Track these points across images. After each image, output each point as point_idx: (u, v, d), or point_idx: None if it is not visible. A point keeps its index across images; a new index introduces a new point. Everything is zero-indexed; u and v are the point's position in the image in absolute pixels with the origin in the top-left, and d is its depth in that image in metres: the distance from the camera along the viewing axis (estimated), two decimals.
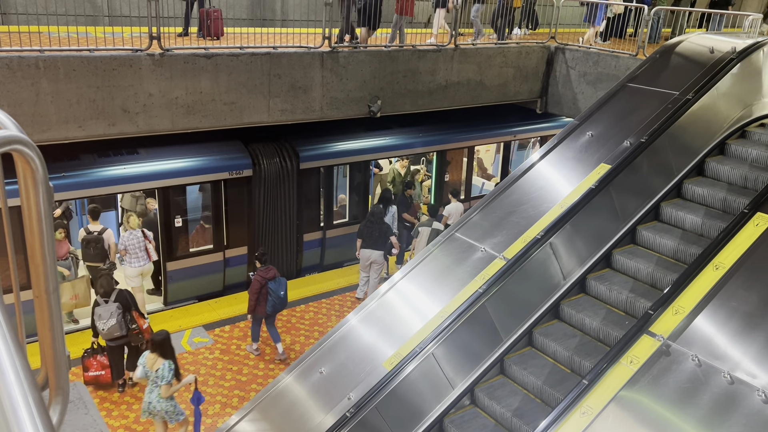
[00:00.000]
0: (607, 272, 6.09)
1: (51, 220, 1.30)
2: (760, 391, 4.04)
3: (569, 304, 5.90)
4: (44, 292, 1.29)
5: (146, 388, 6.82)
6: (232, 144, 10.68)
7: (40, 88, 7.48)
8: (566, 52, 11.69)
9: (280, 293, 8.67)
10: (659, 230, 6.18)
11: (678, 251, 5.91)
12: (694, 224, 6.07)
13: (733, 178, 6.35)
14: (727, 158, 6.61)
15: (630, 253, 6.09)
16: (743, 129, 6.84)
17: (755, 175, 6.19)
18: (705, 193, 6.27)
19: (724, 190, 6.22)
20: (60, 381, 1.36)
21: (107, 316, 7.75)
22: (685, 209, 6.20)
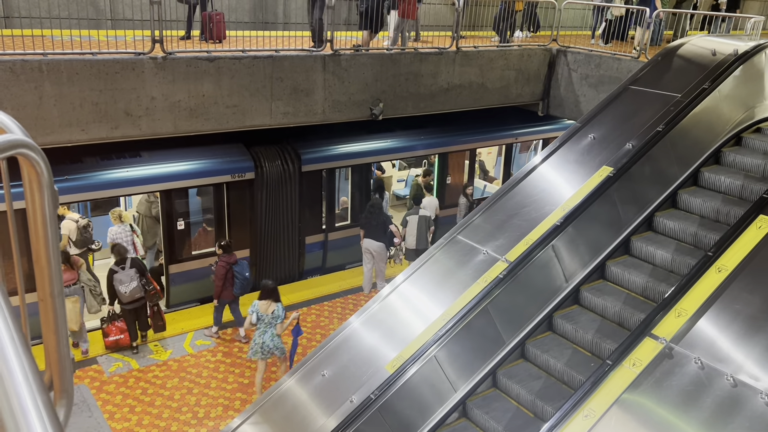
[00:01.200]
0: (626, 259, 6.12)
1: (56, 223, 1.30)
2: (763, 393, 4.04)
3: (590, 289, 5.93)
4: (49, 295, 1.30)
5: (257, 331, 7.91)
6: (234, 147, 10.69)
7: (43, 92, 7.51)
8: (568, 55, 11.70)
9: (245, 274, 9.28)
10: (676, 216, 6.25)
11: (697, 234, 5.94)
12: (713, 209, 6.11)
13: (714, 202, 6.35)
14: (722, 167, 6.61)
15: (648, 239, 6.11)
16: (744, 132, 6.84)
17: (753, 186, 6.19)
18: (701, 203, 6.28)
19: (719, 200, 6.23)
20: (64, 384, 1.36)
21: (128, 281, 8.70)
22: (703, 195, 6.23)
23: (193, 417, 7.83)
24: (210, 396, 8.21)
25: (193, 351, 9.13)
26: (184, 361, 8.87)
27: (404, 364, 5.37)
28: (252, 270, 11.11)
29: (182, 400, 8.11)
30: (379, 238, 10.71)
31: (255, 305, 7.92)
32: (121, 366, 8.67)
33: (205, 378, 8.56)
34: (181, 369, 8.70)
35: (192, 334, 9.50)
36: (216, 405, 8.07)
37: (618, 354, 4.72)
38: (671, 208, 6.43)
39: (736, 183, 6.24)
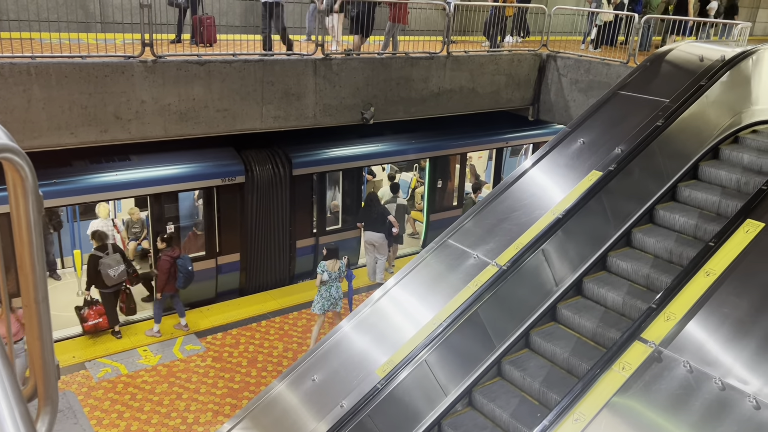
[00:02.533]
0: (628, 250, 6.12)
1: (40, 228, 1.29)
2: (751, 397, 4.06)
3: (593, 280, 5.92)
4: (33, 301, 1.28)
5: (323, 287, 9.01)
6: (224, 150, 10.66)
7: (31, 95, 7.46)
8: (558, 60, 11.76)
9: (188, 267, 9.45)
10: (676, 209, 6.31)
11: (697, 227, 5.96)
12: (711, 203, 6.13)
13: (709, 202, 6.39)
14: (721, 161, 6.66)
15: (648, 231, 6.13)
16: (734, 136, 6.91)
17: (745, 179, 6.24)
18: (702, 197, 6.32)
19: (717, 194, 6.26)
20: (49, 391, 1.35)
21: (116, 264, 9.08)
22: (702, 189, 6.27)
23: (182, 422, 7.78)
24: (199, 401, 8.16)
25: (183, 356, 9.08)
26: (173, 366, 8.82)
27: (395, 368, 5.36)
28: (242, 274, 11.09)
29: (171, 405, 8.06)
30: (378, 229, 11.37)
31: (323, 265, 9.03)
32: (109, 371, 8.60)
33: (194, 383, 8.51)
34: (170, 374, 8.65)
35: (181, 339, 9.45)
36: (206, 410, 8.02)
37: (607, 358, 4.73)
38: (693, 180, 6.48)
39: (753, 159, 6.34)
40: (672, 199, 6.56)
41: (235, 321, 10.06)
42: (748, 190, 6.16)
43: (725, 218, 5.87)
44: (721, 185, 6.46)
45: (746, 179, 6.32)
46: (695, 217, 6.18)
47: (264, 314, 10.34)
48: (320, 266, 9.08)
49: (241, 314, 10.28)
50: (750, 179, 6.29)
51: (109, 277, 9.03)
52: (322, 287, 9.07)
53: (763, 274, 4.83)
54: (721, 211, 6.17)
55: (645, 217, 6.41)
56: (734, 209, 5.88)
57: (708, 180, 6.58)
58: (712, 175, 6.58)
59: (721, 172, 6.49)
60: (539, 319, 5.90)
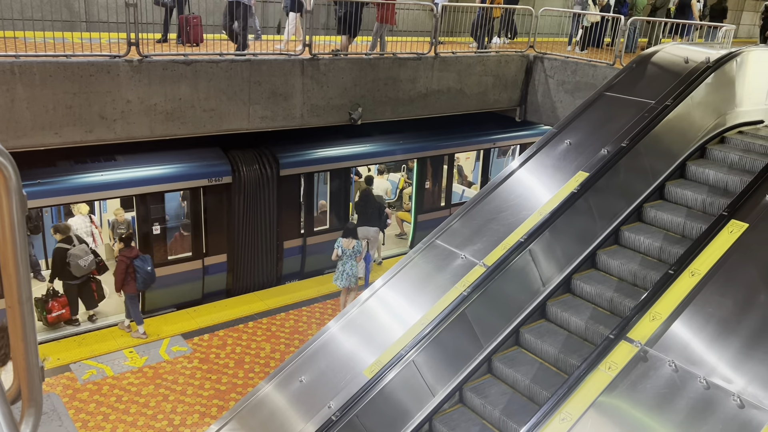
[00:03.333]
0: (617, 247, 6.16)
1: (24, 228, 1.28)
2: (735, 395, 4.10)
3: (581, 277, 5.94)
4: (17, 302, 1.27)
5: (339, 262, 9.81)
6: (211, 151, 10.61)
7: (15, 94, 7.37)
8: (545, 61, 11.82)
9: (146, 268, 9.27)
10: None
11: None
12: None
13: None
14: (707, 160, 6.73)
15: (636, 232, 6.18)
16: (721, 134, 6.98)
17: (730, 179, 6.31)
18: None
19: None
20: (33, 393, 1.33)
21: (84, 255, 9.25)
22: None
23: (168, 424, 7.73)
24: (186, 403, 8.11)
25: (169, 357, 9.02)
26: (159, 368, 8.76)
27: (382, 369, 5.36)
28: (229, 275, 11.04)
29: (158, 407, 8.00)
30: (373, 223, 11.82)
31: (339, 241, 9.82)
32: (95, 373, 8.52)
33: (181, 385, 8.45)
34: (156, 376, 8.59)
35: (168, 340, 9.38)
36: (192, 412, 7.97)
37: (594, 357, 4.76)
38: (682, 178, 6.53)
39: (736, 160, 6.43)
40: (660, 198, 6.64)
41: (222, 322, 10.02)
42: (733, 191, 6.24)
43: (712, 216, 5.94)
44: (707, 183, 6.54)
45: (729, 182, 6.39)
46: (683, 215, 6.24)
47: (251, 315, 10.30)
48: (337, 242, 9.90)
49: (228, 315, 10.23)
50: (734, 181, 6.36)
51: (79, 267, 9.17)
52: (338, 262, 9.86)
53: (746, 274, 4.89)
54: (708, 211, 6.24)
55: (634, 214, 6.49)
56: (720, 207, 5.96)
57: (694, 178, 6.66)
58: (698, 173, 6.65)
59: (709, 171, 6.57)
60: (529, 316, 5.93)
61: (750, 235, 5.10)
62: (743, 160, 6.56)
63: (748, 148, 6.81)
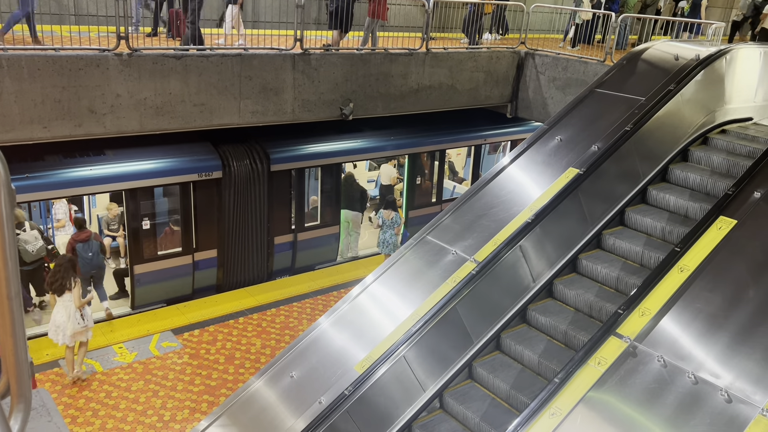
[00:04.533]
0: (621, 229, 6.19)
1: (12, 223, 1.26)
2: (723, 390, 4.14)
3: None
4: (5, 297, 1.26)
5: (380, 233, 11.22)
6: (201, 145, 10.56)
7: (3, 88, 7.30)
8: (536, 58, 11.84)
9: (86, 254, 9.22)
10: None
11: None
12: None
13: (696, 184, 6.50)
14: (689, 164, 6.78)
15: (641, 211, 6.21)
16: (706, 135, 7.02)
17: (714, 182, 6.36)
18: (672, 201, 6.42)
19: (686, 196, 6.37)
20: (22, 388, 1.32)
21: (33, 240, 9.30)
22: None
23: (158, 420, 7.70)
24: (176, 398, 8.09)
25: (159, 353, 8.98)
26: (149, 363, 8.73)
27: (373, 364, 5.36)
28: (219, 270, 11.00)
29: (147, 403, 7.98)
30: (355, 207, 12.78)
31: (381, 213, 11.33)
32: (84, 369, 8.47)
33: (171, 380, 8.43)
34: (146, 371, 8.55)
35: (158, 336, 9.34)
36: (182, 408, 7.95)
37: (584, 353, 4.78)
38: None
39: (722, 161, 6.50)
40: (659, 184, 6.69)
41: (212, 318, 9.99)
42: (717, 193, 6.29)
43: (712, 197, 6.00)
44: (711, 167, 6.62)
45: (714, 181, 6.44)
46: (665, 221, 6.28)
47: (241, 311, 10.27)
48: (378, 213, 11.47)
49: (219, 311, 10.21)
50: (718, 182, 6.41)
51: (27, 252, 9.21)
52: (380, 232, 11.26)
53: (735, 270, 4.93)
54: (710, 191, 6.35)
55: (638, 197, 6.60)
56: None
57: (678, 182, 6.70)
58: (682, 175, 6.70)
59: (691, 175, 6.62)
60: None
61: (738, 232, 5.14)
62: (727, 161, 6.61)
63: (732, 149, 6.87)
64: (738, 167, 6.46)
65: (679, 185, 6.67)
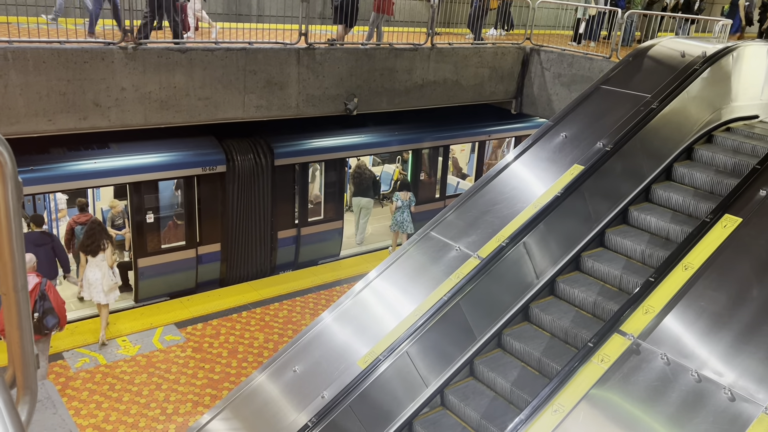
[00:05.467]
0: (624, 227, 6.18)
1: (20, 215, 1.26)
2: (726, 389, 4.13)
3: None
4: (12, 289, 1.26)
5: (397, 212, 12.27)
6: (205, 139, 10.57)
7: (8, 80, 7.31)
8: (541, 54, 11.80)
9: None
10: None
11: None
12: None
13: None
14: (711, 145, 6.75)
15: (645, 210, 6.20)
16: (711, 133, 6.99)
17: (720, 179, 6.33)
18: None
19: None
20: (28, 380, 1.33)
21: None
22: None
23: (161, 413, 7.74)
24: (179, 392, 8.12)
25: (162, 346, 9.01)
26: (152, 357, 8.76)
27: (376, 359, 5.37)
28: (222, 264, 11.03)
29: (151, 395, 8.01)
30: (366, 194, 13.21)
31: (397, 195, 12.37)
32: (87, 361, 8.51)
33: (174, 374, 8.45)
34: (149, 364, 8.58)
35: (161, 329, 9.37)
36: (185, 401, 7.98)
37: (587, 350, 4.78)
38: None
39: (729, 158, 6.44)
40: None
41: (215, 311, 10.02)
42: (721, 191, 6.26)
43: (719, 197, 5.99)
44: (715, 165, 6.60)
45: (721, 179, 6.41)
46: (668, 220, 6.27)
47: (245, 305, 10.30)
48: (395, 196, 12.39)
49: (222, 305, 10.23)
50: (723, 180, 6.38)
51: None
52: (396, 212, 12.24)
53: (739, 269, 4.91)
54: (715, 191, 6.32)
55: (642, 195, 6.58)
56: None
57: (681, 181, 6.68)
58: (685, 175, 6.68)
59: (695, 173, 6.60)
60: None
61: (743, 230, 5.12)
62: (734, 159, 6.59)
63: (737, 149, 6.84)
64: (744, 166, 6.43)
65: (684, 184, 6.64)
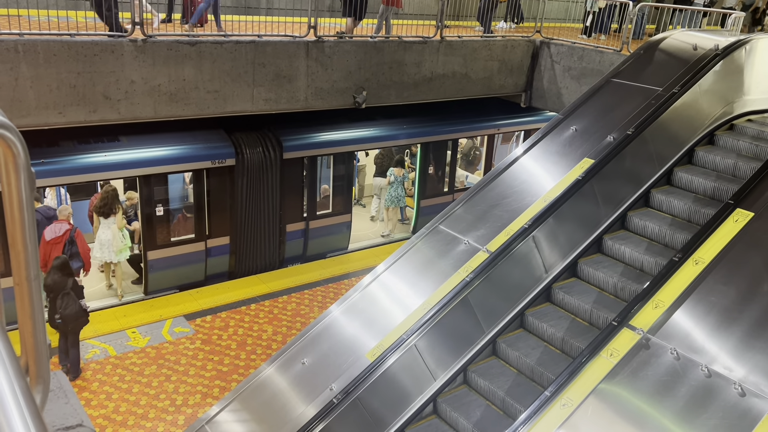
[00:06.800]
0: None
1: (32, 206, 1.27)
2: (736, 384, 4.11)
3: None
4: (25, 279, 1.26)
5: (391, 188, 13.04)
6: (215, 133, 10.58)
7: (19, 73, 7.34)
8: (551, 47, 11.73)
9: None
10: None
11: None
12: None
13: None
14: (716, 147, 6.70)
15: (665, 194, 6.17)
16: (723, 126, 6.93)
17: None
18: None
19: None
20: (41, 370, 1.33)
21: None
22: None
23: (171, 404, 7.79)
24: (188, 383, 8.17)
25: (172, 338, 9.07)
26: (162, 348, 8.81)
27: (384, 352, 5.38)
28: (231, 257, 11.07)
29: (160, 387, 8.06)
30: (385, 174, 13.70)
31: (391, 170, 13.13)
32: (98, 353, 8.58)
33: (183, 365, 8.51)
34: (159, 356, 8.64)
35: (170, 321, 9.43)
36: (194, 392, 8.03)
37: (596, 344, 4.77)
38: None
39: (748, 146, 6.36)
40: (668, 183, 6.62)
41: (224, 304, 10.06)
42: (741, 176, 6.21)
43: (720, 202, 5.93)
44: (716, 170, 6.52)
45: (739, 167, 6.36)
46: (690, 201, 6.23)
47: (253, 298, 10.34)
48: (389, 171, 13.02)
49: (231, 297, 10.27)
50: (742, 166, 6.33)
51: None
52: (390, 187, 12.88)
53: (750, 264, 4.88)
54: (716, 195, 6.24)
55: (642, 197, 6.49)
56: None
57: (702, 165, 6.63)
58: (707, 159, 6.63)
59: (717, 158, 6.53)
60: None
61: (755, 225, 5.08)
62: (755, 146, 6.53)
63: (758, 135, 6.77)
64: (764, 153, 6.36)
65: (683, 188, 6.57)
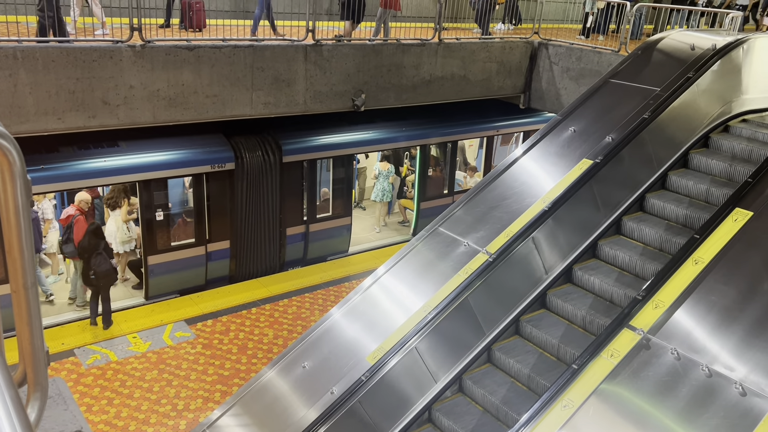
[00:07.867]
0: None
1: (29, 213, 1.27)
2: (737, 383, 4.11)
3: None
4: (22, 287, 1.27)
5: (377, 182, 13.40)
6: (214, 137, 10.59)
7: (17, 79, 7.36)
8: (549, 48, 11.74)
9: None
10: None
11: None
12: None
13: None
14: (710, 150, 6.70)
15: None
16: (726, 122, 6.94)
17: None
18: None
19: None
20: (38, 377, 1.34)
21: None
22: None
23: (172, 409, 7.78)
24: (189, 388, 8.17)
25: (173, 343, 9.06)
26: (163, 353, 8.81)
27: (385, 355, 5.38)
28: (232, 261, 11.07)
29: (161, 392, 8.06)
30: (389, 161, 14.04)
31: (378, 164, 13.48)
32: (99, 358, 8.58)
33: (184, 370, 8.50)
34: (160, 361, 8.64)
35: (171, 326, 9.43)
36: (195, 397, 8.03)
37: (596, 345, 4.77)
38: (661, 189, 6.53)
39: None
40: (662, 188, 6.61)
41: (225, 308, 10.06)
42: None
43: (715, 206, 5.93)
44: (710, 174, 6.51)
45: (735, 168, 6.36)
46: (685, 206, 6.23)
47: (254, 302, 10.34)
48: (375, 166, 13.43)
49: (231, 301, 10.27)
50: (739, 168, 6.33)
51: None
52: (376, 181, 13.26)
53: (750, 263, 4.88)
54: (711, 200, 6.23)
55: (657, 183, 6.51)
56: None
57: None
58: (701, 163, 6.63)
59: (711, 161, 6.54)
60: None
61: (755, 224, 5.08)
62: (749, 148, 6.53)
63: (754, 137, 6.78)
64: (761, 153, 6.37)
65: (679, 193, 6.57)
